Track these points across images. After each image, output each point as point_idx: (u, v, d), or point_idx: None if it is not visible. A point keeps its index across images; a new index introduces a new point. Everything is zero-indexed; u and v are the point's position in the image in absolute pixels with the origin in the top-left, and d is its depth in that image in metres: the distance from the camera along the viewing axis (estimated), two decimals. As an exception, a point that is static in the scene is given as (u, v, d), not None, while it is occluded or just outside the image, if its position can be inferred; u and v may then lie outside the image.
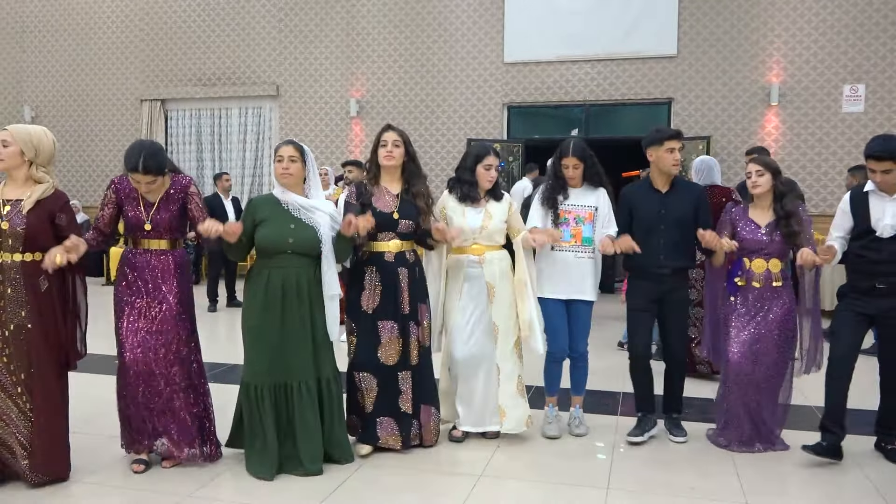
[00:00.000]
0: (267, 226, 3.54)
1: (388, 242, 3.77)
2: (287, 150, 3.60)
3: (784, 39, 9.86)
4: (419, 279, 3.86)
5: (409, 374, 3.78)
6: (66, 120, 12.70)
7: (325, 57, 11.53)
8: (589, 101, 10.63)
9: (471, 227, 3.90)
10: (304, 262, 3.55)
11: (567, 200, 4.00)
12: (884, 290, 3.61)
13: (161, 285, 3.47)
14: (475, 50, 10.94)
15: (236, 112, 11.97)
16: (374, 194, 3.81)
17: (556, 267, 4.00)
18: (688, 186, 4.14)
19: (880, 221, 3.60)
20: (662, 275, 3.94)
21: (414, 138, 10.90)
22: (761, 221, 3.86)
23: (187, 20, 12.10)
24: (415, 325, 3.80)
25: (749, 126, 9.96)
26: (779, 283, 3.83)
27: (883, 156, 3.52)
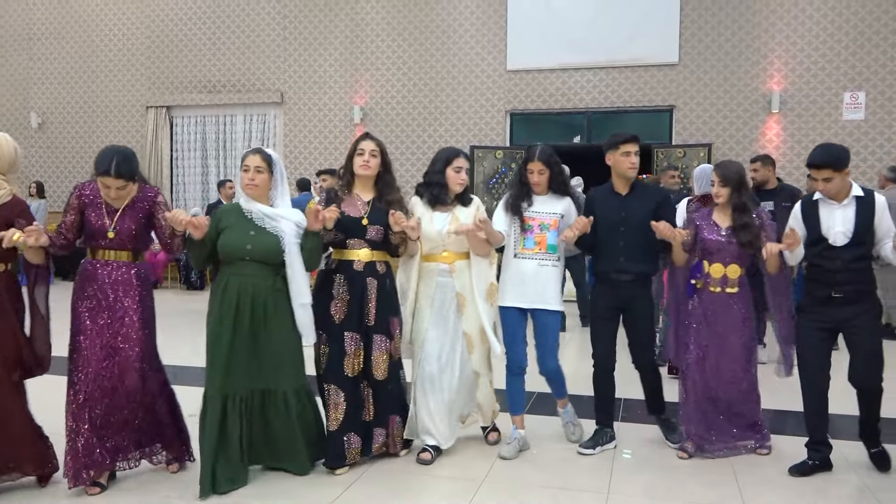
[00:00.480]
0: (228, 232, 3.46)
1: (357, 251, 3.68)
2: (254, 159, 3.48)
3: (785, 47, 9.93)
4: (389, 291, 3.75)
5: (369, 387, 3.70)
6: (72, 126, 12.80)
7: (329, 64, 11.62)
8: (591, 109, 10.70)
9: (438, 232, 3.79)
10: (262, 270, 3.44)
11: (531, 207, 3.93)
12: (840, 299, 3.55)
13: (123, 299, 3.33)
14: (478, 57, 11.02)
15: (241, 119, 12.06)
16: (343, 200, 3.73)
17: (518, 275, 3.91)
18: (648, 189, 4.12)
19: (831, 229, 3.56)
20: (623, 281, 3.91)
21: (417, 145, 11.12)
22: (722, 224, 3.87)
23: (192, 28, 12.21)
24: (384, 337, 3.70)
25: (750, 133, 10.02)
26: (734, 289, 3.84)
27: (822, 165, 3.50)
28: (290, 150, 11.81)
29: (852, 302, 3.56)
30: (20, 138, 12.85)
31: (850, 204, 3.56)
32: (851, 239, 3.53)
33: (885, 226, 3.56)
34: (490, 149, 10.65)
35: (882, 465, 3.71)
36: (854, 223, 3.53)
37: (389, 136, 11.34)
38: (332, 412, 3.63)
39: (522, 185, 3.97)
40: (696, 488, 3.55)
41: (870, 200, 3.55)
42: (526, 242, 3.91)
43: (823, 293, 3.61)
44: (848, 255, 3.53)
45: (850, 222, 3.54)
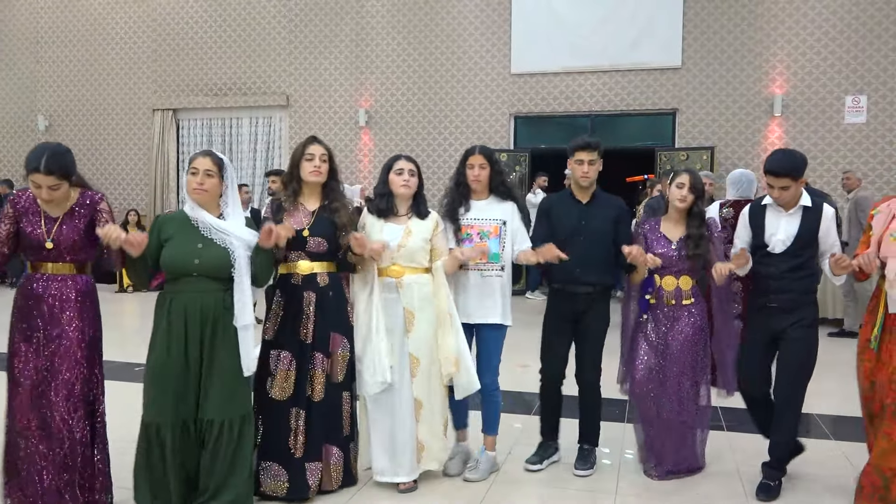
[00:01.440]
0: (172, 244, 3.11)
1: (296, 263, 3.40)
2: (204, 162, 3.13)
3: (787, 51, 10.01)
4: (333, 305, 3.43)
5: (302, 412, 3.33)
6: (79, 129, 12.89)
7: (335, 67, 11.70)
8: (594, 112, 10.77)
9: (389, 245, 3.48)
10: (212, 286, 3.09)
11: (470, 213, 3.67)
12: (775, 308, 3.47)
13: (60, 316, 3.01)
14: (482, 61, 11.10)
15: (247, 122, 12.14)
16: (287, 210, 3.43)
17: (459, 288, 3.66)
18: (609, 199, 3.86)
19: (773, 236, 3.49)
20: (577, 294, 3.71)
21: (422, 148, 11.21)
22: (673, 237, 3.71)
23: (199, 31, 12.30)
24: (322, 356, 3.38)
25: (752, 137, 10.09)
26: (689, 300, 3.68)
27: (781, 173, 3.38)
28: (295, 153, 11.87)
29: (787, 311, 3.46)
30: (27, 141, 12.96)
31: (796, 213, 3.48)
32: (790, 247, 3.45)
33: (830, 239, 3.47)
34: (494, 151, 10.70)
35: (760, 494, 3.49)
36: (796, 233, 3.45)
37: (394, 138, 11.43)
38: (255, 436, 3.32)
39: (459, 186, 3.71)
40: (705, 488, 3.62)
41: (817, 211, 3.47)
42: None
43: (760, 300, 3.55)
44: (785, 263, 3.45)
45: (793, 231, 3.45)
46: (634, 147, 10.81)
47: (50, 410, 2.96)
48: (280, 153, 11.96)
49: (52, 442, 2.96)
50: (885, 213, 3.30)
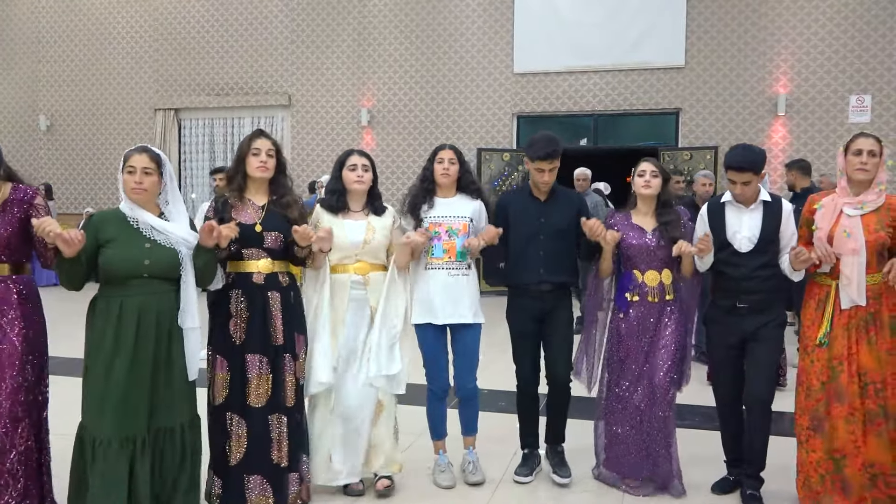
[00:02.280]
0: (115, 246, 2.91)
1: (256, 262, 3.22)
2: (141, 160, 2.94)
3: (791, 50, 9.98)
4: (294, 305, 3.32)
5: (282, 419, 3.22)
6: (80, 129, 12.87)
7: (337, 67, 11.68)
8: (597, 111, 10.75)
9: (352, 241, 3.42)
10: (163, 287, 2.95)
11: (437, 210, 3.59)
12: (744, 309, 3.38)
13: (0, 320, 2.84)
14: (485, 60, 11.08)
15: (249, 121, 12.13)
16: (235, 206, 3.27)
17: (429, 288, 3.56)
18: (568, 195, 3.78)
19: (737, 234, 3.40)
20: (543, 291, 3.60)
21: (424, 147, 11.19)
22: (647, 226, 3.55)
23: (201, 31, 12.28)
24: (290, 358, 3.25)
25: (756, 136, 10.06)
26: (671, 295, 3.55)
27: (744, 167, 3.31)
28: (297, 153, 11.87)
29: (758, 312, 3.37)
30: (29, 140, 12.96)
31: (757, 209, 3.41)
32: (756, 245, 3.37)
33: (788, 234, 3.41)
34: (497, 151, 10.70)
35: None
36: (760, 229, 3.37)
37: (396, 138, 11.41)
38: (233, 446, 3.17)
39: (424, 182, 3.64)
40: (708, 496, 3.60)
41: (777, 206, 3.42)
42: (434, 251, 3.56)
43: (728, 302, 3.43)
44: (753, 262, 3.36)
45: (757, 228, 3.38)
46: (637, 147, 10.77)
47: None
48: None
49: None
50: (830, 208, 3.25)
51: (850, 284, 3.15)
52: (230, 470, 3.17)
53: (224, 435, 3.19)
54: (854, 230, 3.16)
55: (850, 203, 3.20)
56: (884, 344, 3.16)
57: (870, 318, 3.18)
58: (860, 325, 3.18)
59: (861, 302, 3.16)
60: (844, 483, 3.17)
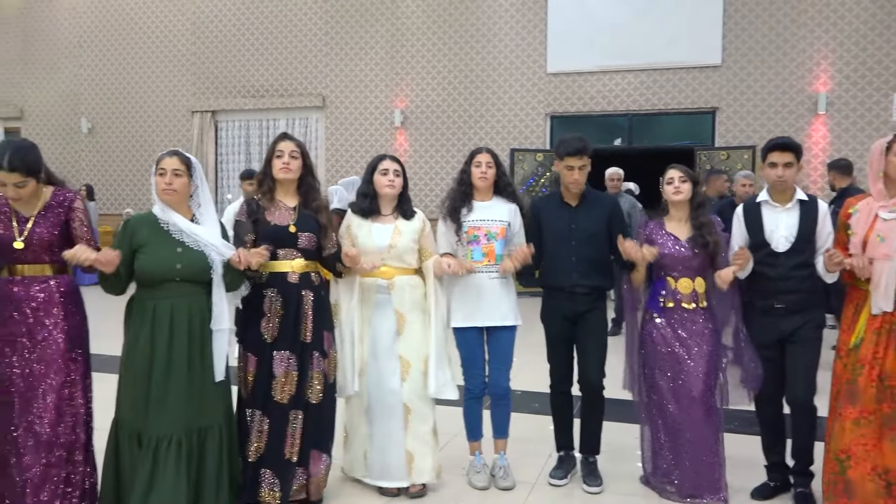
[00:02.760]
0: (148, 251, 2.99)
1: (291, 262, 3.30)
2: (171, 162, 3.04)
3: (831, 48, 9.78)
4: (325, 304, 3.39)
5: (300, 415, 3.27)
6: (120, 131, 13.13)
7: (370, 68, 11.75)
8: (632, 111, 10.65)
9: (378, 245, 3.47)
10: (195, 290, 3.02)
11: (474, 214, 3.62)
12: (782, 310, 3.35)
13: (44, 319, 2.93)
14: (518, 60, 11.04)
15: (283, 123, 12.25)
16: (267, 209, 3.35)
17: (469, 292, 3.60)
18: (599, 199, 3.76)
19: (774, 233, 3.38)
20: (577, 293, 3.59)
21: (458, 148, 11.18)
22: (681, 235, 3.52)
23: (237, 34, 12.44)
24: (319, 355, 3.32)
25: (795, 135, 9.85)
26: (704, 304, 3.50)
27: (786, 146, 3.34)
28: (331, 154, 11.97)
29: (795, 312, 3.35)
30: (71, 143, 13.27)
31: (794, 208, 3.40)
32: (794, 244, 3.35)
33: (824, 234, 3.37)
34: (530, 151, 10.66)
35: None
36: (797, 228, 3.36)
37: (430, 139, 11.44)
38: (253, 441, 3.24)
39: (462, 183, 3.66)
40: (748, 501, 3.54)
41: (813, 206, 3.40)
42: (473, 255, 3.60)
43: (765, 303, 3.39)
44: (790, 261, 3.34)
45: (794, 227, 3.36)
46: (672, 147, 10.65)
47: (38, 418, 2.88)
48: (316, 154, 12.03)
49: (40, 451, 2.87)
50: (865, 212, 3.21)
51: (878, 289, 3.09)
52: (249, 465, 3.24)
53: (243, 431, 3.26)
54: (889, 235, 3.10)
55: (886, 206, 3.15)
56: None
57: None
58: (891, 330, 3.10)
59: (887, 308, 3.08)
60: (847, 485, 3.14)
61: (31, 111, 13.66)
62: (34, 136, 13.43)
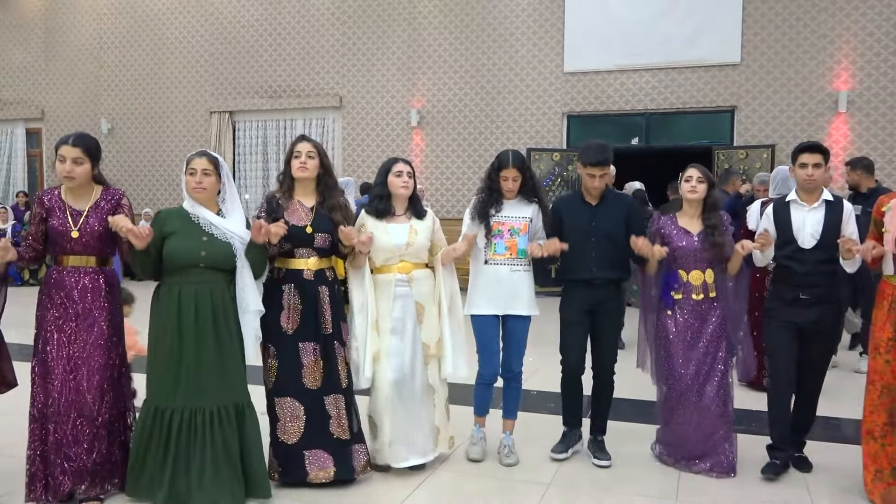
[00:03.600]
0: (176, 238, 3.26)
1: (306, 259, 3.51)
2: (201, 162, 3.31)
3: (853, 45, 9.66)
4: (338, 298, 3.62)
5: (339, 398, 3.52)
6: (140, 131, 13.26)
7: (387, 69, 11.77)
8: (650, 110, 10.59)
9: (396, 244, 3.65)
10: (217, 277, 3.27)
11: (500, 212, 3.83)
12: (807, 300, 3.62)
13: (92, 308, 3.20)
14: (535, 60, 11.01)
15: (301, 123, 12.31)
16: (286, 208, 3.55)
17: (490, 281, 3.83)
18: (618, 198, 4.03)
19: (801, 231, 3.63)
20: (595, 285, 3.83)
21: (474, 148, 11.18)
22: (693, 229, 3.78)
23: (254, 35, 12.52)
24: (339, 344, 3.56)
25: (815, 134, 9.76)
26: (714, 293, 3.77)
27: (815, 148, 3.61)
28: (348, 154, 12.01)
29: (818, 303, 3.62)
30: (91, 143, 13.38)
31: (820, 207, 3.64)
32: (819, 242, 3.59)
33: (849, 232, 3.60)
34: (547, 151, 10.63)
35: (804, 468, 3.79)
36: (822, 226, 3.60)
37: (446, 138, 11.44)
38: (290, 425, 3.46)
39: (492, 191, 3.85)
40: (767, 495, 3.52)
41: (839, 205, 3.65)
42: (496, 248, 3.82)
43: (791, 294, 3.66)
44: (815, 257, 3.59)
45: (819, 225, 3.61)
46: (691, 146, 10.58)
47: (83, 395, 3.15)
48: (333, 154, 12.07)
49: (83, 424, 3.15)
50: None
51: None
52: (288, 449, 3.46)
53: (275, 418, 3.49)
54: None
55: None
56: None
57: None
58: None
59: None
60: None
61: (51, 112, 13.83)
62: (55, 136, 13.59)
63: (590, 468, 3.85)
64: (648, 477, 3.74)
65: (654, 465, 3.90)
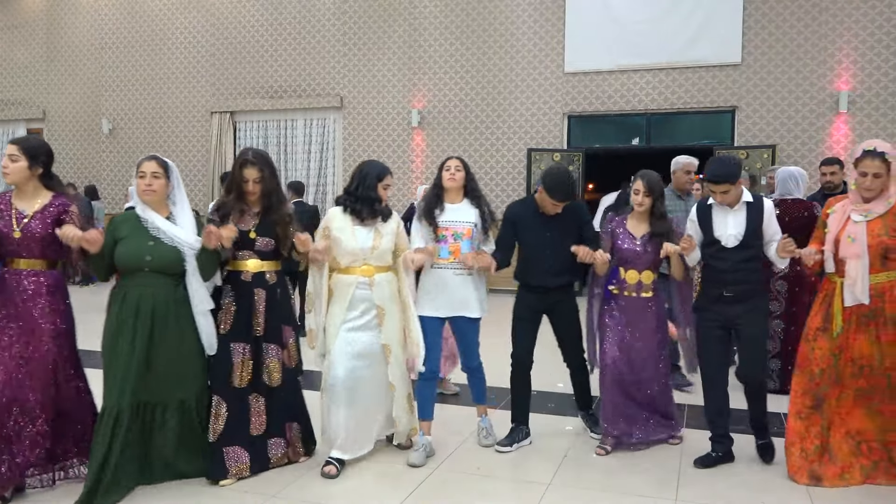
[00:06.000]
0: (124, 243, 3.39)
1: (245, 262, 3.65)
2: (150, 165, 3.43)
3: (853, 46, 9.65)
4: (280, 300, 3.72)
5: (259, 398, 3.65)
6: (140, 131, 13.26)
7: (388, 69, 11.77)
8: (650, 110, 10.59)
9: (362, 247, 3.74)
10: (162, 280, 3.39)
11: (444, 216, 3.92)
12: (730, 297, 3.77)
13: (32, 309, 3.27)
14: (535, 60, 11.01)
15: (301, 123, 12.31)
16: (233, 210, 3.67)
17: (435, 285, 3.94)
18: (571, 208, 4.07)
19: (724, 232, 3.78)
20: (549, 289, 4.03)
21: (475, 148, 11.19)
22: (637, 233, 4.02)
23: (255, 35, 12.52)
24: (276, 347, 3.68)
25: (816, 134, 9.77)
26: (649, 293, 4.03)
27: (719, 180, 3.71)
28: (349, 154, 12.01)
29: (742, 300, 3.77)
30: (92, 143, 13.42)
31: (741, 209, 3.80)
32: (741, 241, 3.76)
33: (771, 229, 3.80)
34: (548, 151, 10.63)
35: (766, 457, 3.90)
36: (744, 227, 3.76)
37: (447, 139, 11.44)
38: (213, 423, 3.55)
39: (435, 188, 3.98)
40: (764, 496, 3.52)
41: (759, 206, 3.81)
42: (440, 252, 3.90)
43: (716, 292, 3.82)
44: (737, 256, 3.76)
45: (741, 226, 3.77)
46: (691, 146, 10.55)
47: (25, 394, 3.23)
48: (333, 154, 12.09)
49: (26, 422, 3.24)
50: (840, 212, 3.60)
51: (855, 285, 3.48)
52: (212, 444, 3.56)
53: (209, 413, 3.60)
54: (858, 236, 3.48)
55: (858, 210, 3.53)
56: (886, 336, 3.50)
57: (871, 314, 3.52)
58: (861, 320, 3.54)
59: (865, 301, 3.48)
60: (830, 452, 3.63)
61: (53, 112, 13.84)
62: (56, 136, 13.61)
63: (590, 468, 3.86)
64: (648, 476, 3.74)
65: (653, 464, 3.90)
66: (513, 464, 3.91)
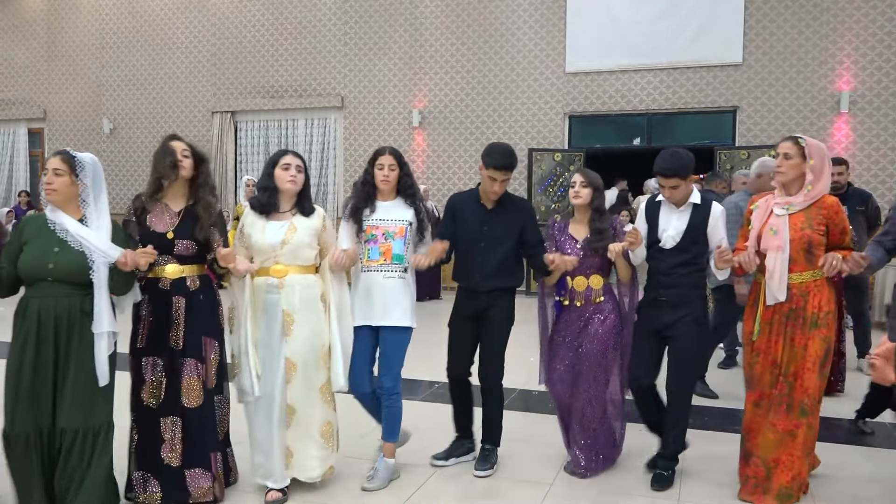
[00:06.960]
0: (27, 248, 3.00)
1: (164, 267, 3.23)
2: (52, 161, 3.02)
3: (854, 46, 9.64)
4: (204, 309, 3.29)
5: (176, 421, 3.21)
6: (142, 131, 13.26)
7: (389, 69, 11.77)
8: (651, 110, 10.58)
9: (270, 242, 3.34)
10: (67, 290, 2.97)
11: (375, 214, 3.56)
12: (664, 302, 3.58)
13: None
14: (536, 60, 11.01)
15: (302, 123, 12.31)
16: (150, 211, 3.28)
17: (364, 290, 3.55)
18: (516, 204, 3.82)
19: (665, 232, 3.60)
20: (479, 292, 3.71)
21: (476, 148, 11.18)
22: (579, 236, 3.75)
23: (256, 35, 12.52)
24: (195, 362, 3.24)
25: (817, 134, 9.74)
26: (600, 299, 3.73)
27: (669, 173, 3.51)
28: (350, 154, 12.01)
29: (674, 306, 3.57)
30: (93, 143, 13.42)
31: (686, 210, 3.59)
32: (679, 243, 3.56)
33: (717, 236, 3.56)
34: (549, 151, 10.63)
35: (654, 485, 3.61)
36: (685, 229, 3.56)
37: (448, 139, 11.44)
38: (130, 445, 3.27)
39: (365, 186, 3.60)
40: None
41: (706, 209, 3.58)
42: (370, 254, 3.55)
43: (652, 294, 3.66)
44: (673, 259, 3.57)
45: (682, 227, 3.57)
46: (693, 146, 10.55)
47: None
48: (335, 154, 12.09)
49: None
50: (763, 208, 3.47)
51: (772, 279, 3.35)
52: (129, 467, 3.29)
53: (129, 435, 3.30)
54: (780, 228, 3.36)
55: (780, 203, 3.42)
56: (799, 338, 3.34)
57: (791, 313, 3.36)
58: (781, 321, 3.38)
59: (781, 298, 3.35)
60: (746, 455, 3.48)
61: (54, 112, 13.85)
62: (57, 136, 13.63)
63: (591, 468, 3.84)
64: (649, 478, 3.73)
65: (655, 465, 3.88)
66: (515, 464, 3.91)
